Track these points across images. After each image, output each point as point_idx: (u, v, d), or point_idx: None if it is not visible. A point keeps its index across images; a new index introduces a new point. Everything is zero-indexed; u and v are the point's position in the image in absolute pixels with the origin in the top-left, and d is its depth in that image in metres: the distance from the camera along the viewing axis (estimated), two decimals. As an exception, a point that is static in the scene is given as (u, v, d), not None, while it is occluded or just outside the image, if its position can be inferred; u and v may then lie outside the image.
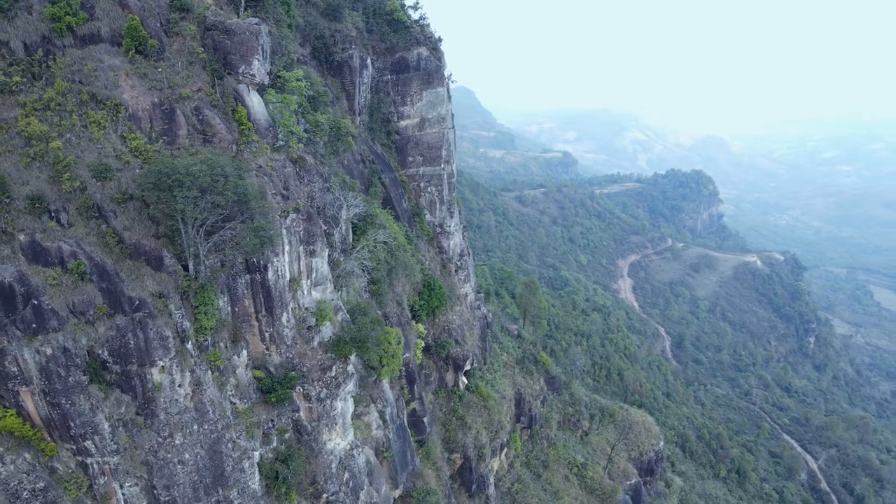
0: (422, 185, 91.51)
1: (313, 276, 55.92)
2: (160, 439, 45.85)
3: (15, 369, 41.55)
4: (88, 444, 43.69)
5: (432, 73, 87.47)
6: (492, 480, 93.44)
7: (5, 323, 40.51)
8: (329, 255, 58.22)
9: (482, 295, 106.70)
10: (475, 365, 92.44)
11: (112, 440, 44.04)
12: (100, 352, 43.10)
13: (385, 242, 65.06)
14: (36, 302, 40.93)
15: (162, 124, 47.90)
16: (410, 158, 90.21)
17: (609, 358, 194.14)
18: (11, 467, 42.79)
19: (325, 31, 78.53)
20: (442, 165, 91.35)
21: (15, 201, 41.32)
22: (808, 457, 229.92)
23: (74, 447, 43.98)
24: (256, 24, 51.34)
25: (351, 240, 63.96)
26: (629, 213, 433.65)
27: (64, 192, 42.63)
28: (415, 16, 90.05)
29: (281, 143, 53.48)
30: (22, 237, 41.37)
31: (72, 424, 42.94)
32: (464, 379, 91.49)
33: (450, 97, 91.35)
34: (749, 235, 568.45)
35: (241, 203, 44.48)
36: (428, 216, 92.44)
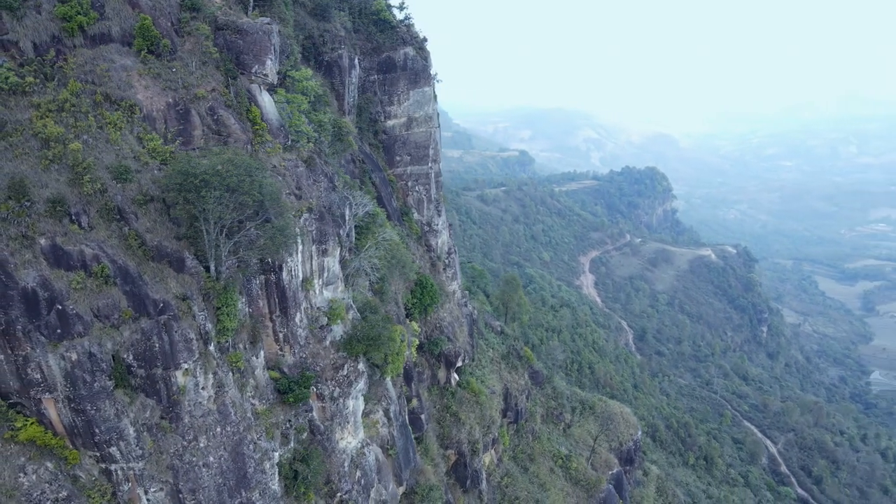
0: (409, 183, 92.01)
1: (325, 275, 56.02)
2: (185, 443, 45.41)
3: (38, 376, 40.66)
4: (113, 450, 43.00)
5: (419, 73, 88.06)
6: (484, 475, 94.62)
7: (29, 329, 39.62)
8: (339, 255, 58.36)
9: (467, 292, 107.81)
10: (466, 361, 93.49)
11: (137, 445, 43.44)
12: (125, 356, 42.49)
13: (389, 241, 65.45)
14: (60, 307, 40.11)
15: (177, 125, 47.38)
16: (398, 158, 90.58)
17: (580, 352, 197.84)
18: (34, 477, 41.82)
19: (315, 30, 78.28)
20: (429, 164, 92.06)
21: (35, 204, 40.40)
22: (768, 441, 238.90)
23: (98, 454, 43.22)
24: (268, 23, 51.19)
25: (353, 239, 64.16)
26: (588, 210, 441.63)
27: (85, 194, 41.84)
28: (400, 16, 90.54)
29: (292, 143, 53.41)
30: (43, 241, 40.45)
31: (96, 431, 42.21)
32: (455, 376, 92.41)
33: (436, 96, 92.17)
34: (700, 229, 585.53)
35: (263, 203, 44.39)
36: (416, 215, 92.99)
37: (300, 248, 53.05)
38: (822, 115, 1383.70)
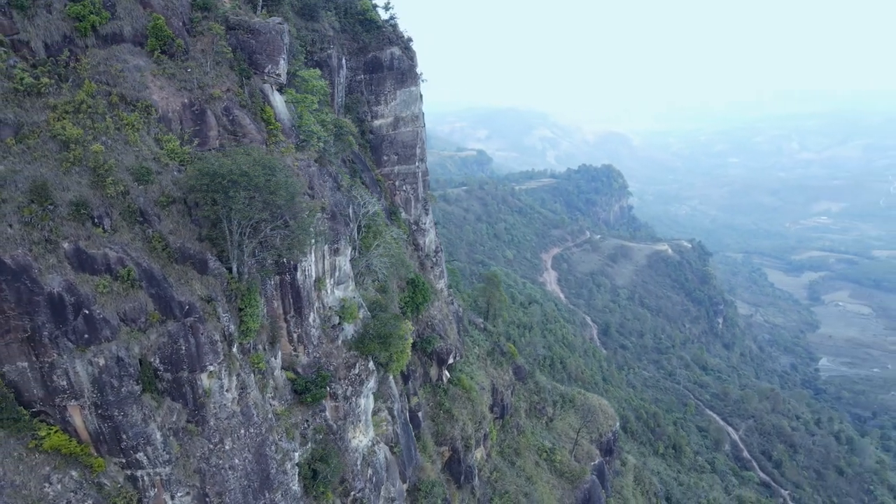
0: (397, 183, 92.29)
1: (336, 274, 56.13)
2: (211, 445, 45.06)
3: (64, 383, 39.88)
4: (140, 455, 42.44)
5: (406, 73, 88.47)
6: (476, 471, 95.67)
7: (56, 335, 38.85)
8: (350, 254, 58.52)
9: (452, 290, 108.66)
10: (457, 359, 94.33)
11: (164, 450, 42.96)
12: (151, 360, 41.98)
13: (396, 239, 65.83)
14: (87, 311, 39.43)
15: (193, 125, 46.92)
16: (385, 157, 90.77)
17: (551, 347, 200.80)
18: (59, 486, 41.01)
19: (303, 30, 77.99)
20: (417, 163, 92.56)
21: (58, 208, 39.60)
22: (730, 429, 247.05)
23: (124, 460, 42.60)
24: (280, 23, 51.05)
25: (357, 238, 64.33)
26: (548, 208, 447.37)
27: (107, 196, 41.15)
28: (385, 15, 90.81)
29: (302, 142, 53.38)
30: (66, 245, 39.67)
31: (123, 437, 41.62)
32: (446, 373, 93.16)
33: (421, 95, 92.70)
34: (655, 225, 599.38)
35: (289, 202, 44.39)
36: (403, 214, 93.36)
37: (313, 247, 53.07)
38: (765, 113, 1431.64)
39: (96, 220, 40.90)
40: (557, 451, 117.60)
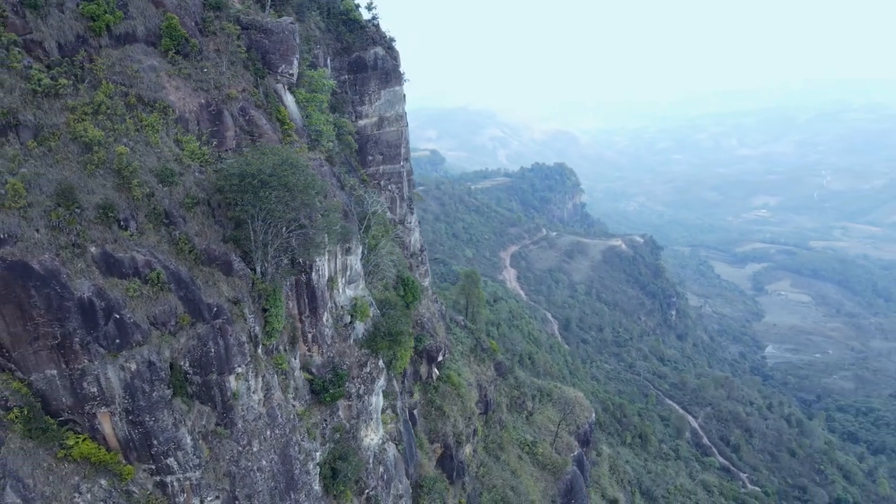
0: (382, 183, 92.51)
1: (348, 273, 56.28)
2: (240, 448, 44.76)
3: (94, 390, 39.08)
4: (171, 461, 41.88)
5: (390, 73, 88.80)
6: (466, 466, 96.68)
7: (88, 341, 38.07)
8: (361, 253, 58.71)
9: (436, 289, 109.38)
10: (446, 356, 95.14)
11: (194, 454, 42.50)
12: (182, 363, 41.50)
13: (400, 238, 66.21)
14: (118, 316, 38.75)
15: (210, 126, 46.44)
16: (370, 157, 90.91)
17: (518, 343, 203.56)
18: (88, 496, 40.16)
19: (290, 31, 77.54)
20: (401, 163, 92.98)
21: (85, 211, 38.78)
22: (690, 416, 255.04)
23: (154, 466, 41.96)
24: (292, 22, 50.95)
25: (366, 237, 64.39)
26: (504, 207, 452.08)
27: (133, 199, 40.48)
28: (367, 15, 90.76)
29: (313, 142, 53.37)
30: (93, 249, 38.88)
31: (154, 442, 41.03)
32: (436, 371, 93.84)
33: (404, 95, 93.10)
34: (606, 222, 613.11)
35: (314, 201, 44.47)
36: (389, 214, 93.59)
37: (327, 247, 53.12)
38: (705, 111, 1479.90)
39: (122, 223, 40.19)
40: (539, 444, 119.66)
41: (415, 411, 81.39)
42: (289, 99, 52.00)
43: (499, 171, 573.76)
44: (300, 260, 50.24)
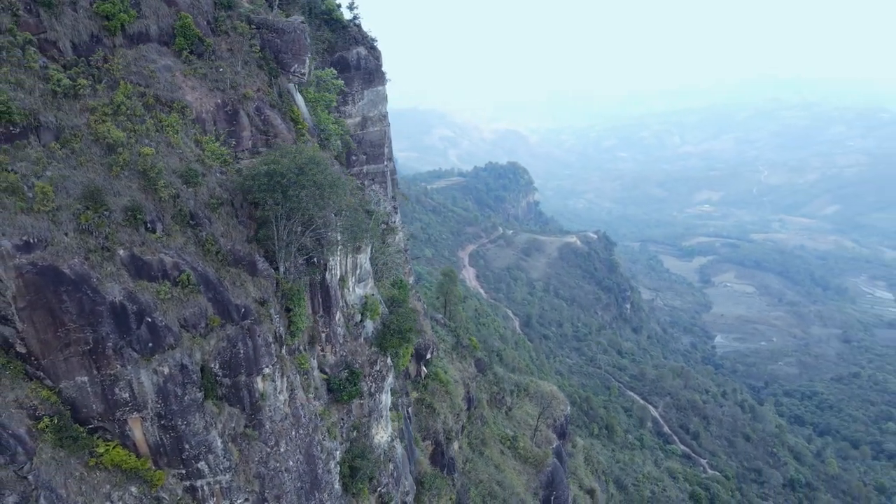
0: (366, 183, 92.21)
1: (358, 272, 56.41)
2: (268, 449, 44.55)
3: (126, 395, 38.41)
4: (202, 465, 41.44)
5: (373, 72, 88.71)
6: (456, 462, 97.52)
7: (121, 345, 37.41)
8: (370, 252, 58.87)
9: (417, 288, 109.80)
10: (434, 354, 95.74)
11: (224, 457, 42.14)
12: (212, 365, 41.09)
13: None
14: (150, 319, 38.19)
15: (226, 126, 46.00)
16: (354, 157, 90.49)
17: (486, 340, 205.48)
18: (120, 504, 39.40)
19: (275, 31, 76.85)
20: (385, 163, 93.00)
21: (113, 213, 38.06)
22: (650, 406, 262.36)
23: (184, 471, 41.41)
24: (302, 22, 50.81)
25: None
26: (460, 207, 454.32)
27: (160, 200, 39.91)
28: (348, 15, 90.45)
29: (322, 141, 53.35)
30: (122, 252, 38.20)
31: (186, 446, 40.54)
32: (424, 368, 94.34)
33: (387, 95, 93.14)
34: (558, 219, 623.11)
35: (341, 199, 44.63)
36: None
37: (337, 245, 53.21)
38: (649, 109, 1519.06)
39: (149, 226, 39.58)
40: (520, 439, 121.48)
41: (409, 408, 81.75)
42: (299, 99, 51.86)
43: (452, 171, 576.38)
44: (314, 259, 50.22)
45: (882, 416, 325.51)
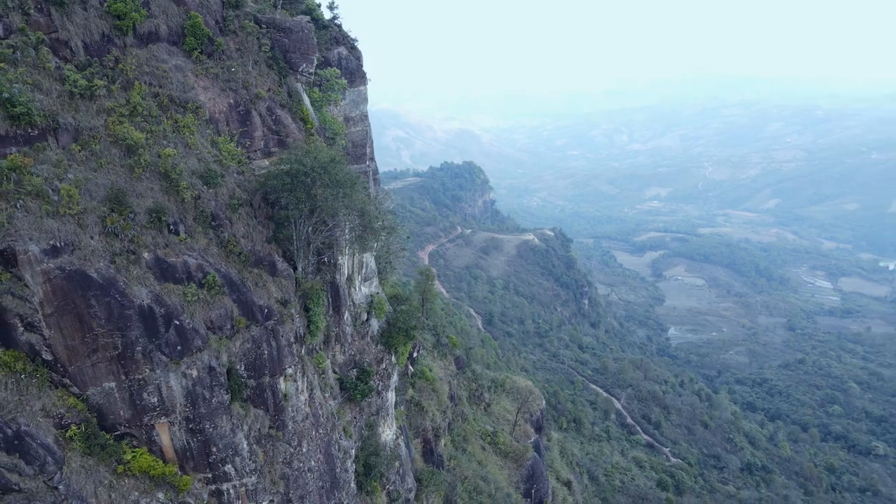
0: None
1: (364, 271, 56.54)
2: (291, 450, 44.44)
3: (155, 400, 37.88)
4: (228, 467, 41.11)
5: (354, 72, 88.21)
6: (444, 459, 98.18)
7: (150, 349, 36.89)
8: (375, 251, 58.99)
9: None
10: (420, 352, 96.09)
11: (250, 459, 41.91)
12: (238, 367, 40.81)
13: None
14: (178, 322, 37.76)
15: (239, 126, 45.60)
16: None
17: (471, 338, 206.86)
18: (148, 511, 38.79)
19: (258, 30, 76.04)
20: (367, 162, 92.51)
21: (138, 216, 37.48)
22: (613, 399, 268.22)
23: (210, 475, 41.02)
24: (308, 21, 50.61)
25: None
26: (418, 207, 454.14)
27: (182, 202, 39.43)
28: (328, 15, 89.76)
29: (328, 140, 53.29)
30: (146, 254, 37.66)
31: (213, 449, 40.17)
32: (411, 367, 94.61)
33: (367, 96, 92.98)
34: (514, 218, 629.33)
35: (358, 197, 44.79)
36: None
37: (346, 245, 53.32)
38: (598, 108, 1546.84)
39: (171, 227, 39.07)
40: (499, 434, 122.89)
41: (401, 406, 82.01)
42: (305, 99, 51.70)
43: (408, 172, 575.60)
44: (325, 258, 50.27)
45: (827, 400, 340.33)
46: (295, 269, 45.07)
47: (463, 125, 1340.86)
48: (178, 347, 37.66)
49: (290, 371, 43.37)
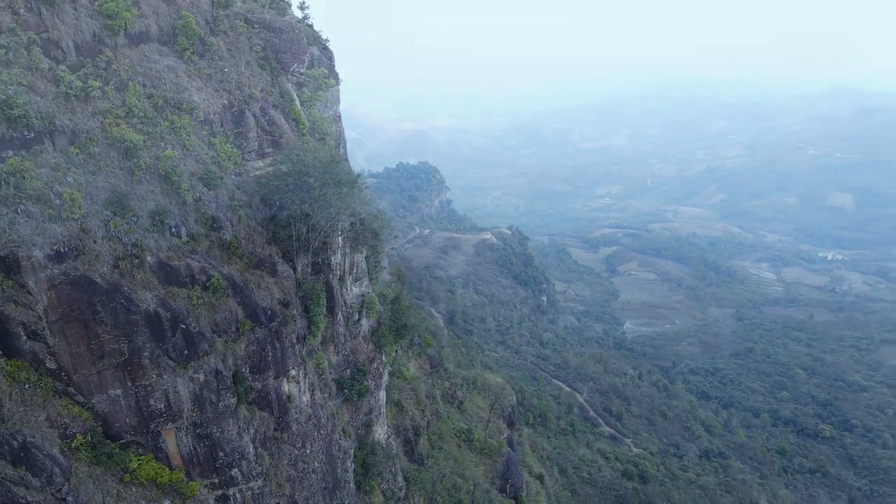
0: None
1: (355, 271, 56.49)
2: (296, 451, 44.28)
3: (162, 406, 37.33)
4: (234, 472, 40.78)
5: (328, 73, 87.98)
6: (424, 458, 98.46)
7: (157, 354, 36.35)
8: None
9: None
10: (398, 352, 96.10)
11: (256, 462, 41.65)
12: (243, 370, 40.46)
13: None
14: (184, 326, 37.29)
15: (234, 127, 45.12)
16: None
17: (427, 339, 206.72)
18: (155, 519, 38.15)
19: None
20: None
21: (140, 219, 36.82)
22: (576, 393, 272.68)
23: (217, 480, 40.63)
24: (299, 22, 50.27)
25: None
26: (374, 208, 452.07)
27: (184, 204, 38.89)
28: (299, 15, 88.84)
29: (320, 141, 53.07)
30: (149, 258, 37.06)
31: (220, 454, 39.81)
32: (389, 367, 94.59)
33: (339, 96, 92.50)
34: (470, 217, 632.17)
35: (358, 196, 44.83)
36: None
37: (339, 245, 53.25)
38: (548, 107, 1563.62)
39: (174, 230, 38.50)
40: (474, 431, 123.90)
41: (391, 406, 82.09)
42: (296, 99, 51.38)
43: (363, 173, 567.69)
44: (320, 259, 50.15)
45: (776, 386, 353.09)
46: (294, 270, 44.83)
47: (417, 125, 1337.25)
48: (185, 352, 37.19)
49: (293, 372, 43.24)
